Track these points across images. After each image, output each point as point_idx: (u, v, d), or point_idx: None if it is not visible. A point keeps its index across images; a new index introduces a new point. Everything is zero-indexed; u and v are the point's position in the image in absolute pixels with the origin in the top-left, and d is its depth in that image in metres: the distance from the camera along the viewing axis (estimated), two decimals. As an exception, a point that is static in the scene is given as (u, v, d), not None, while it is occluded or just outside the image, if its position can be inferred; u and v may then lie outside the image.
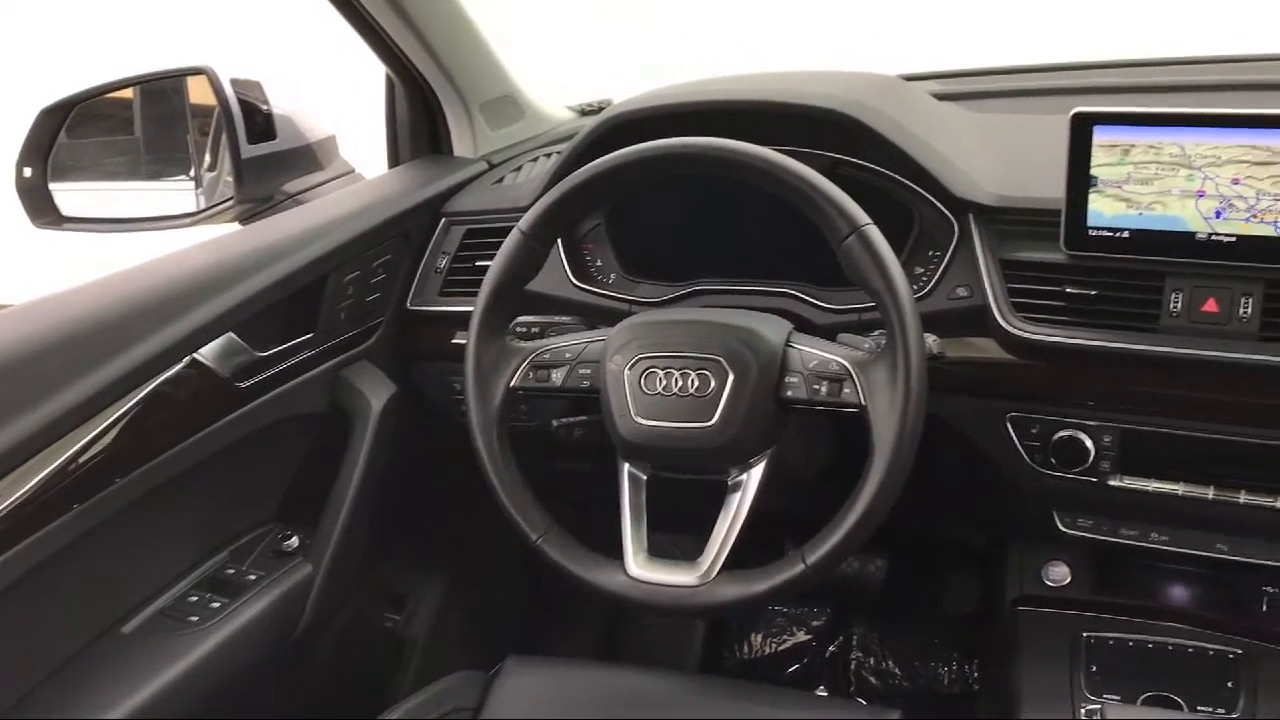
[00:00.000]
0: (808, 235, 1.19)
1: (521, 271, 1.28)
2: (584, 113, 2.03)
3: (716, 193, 1.47)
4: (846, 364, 1.17)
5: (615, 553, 1.22)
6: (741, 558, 1.18)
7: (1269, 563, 1.30)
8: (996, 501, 1.44)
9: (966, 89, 1.67)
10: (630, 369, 1.22)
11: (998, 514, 1.48)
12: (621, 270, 1.53)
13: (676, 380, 1.20)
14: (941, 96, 1.61)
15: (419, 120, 1.82)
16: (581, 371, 1.27)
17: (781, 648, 2.14)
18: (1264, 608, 1.35)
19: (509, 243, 1.27)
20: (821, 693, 2.06)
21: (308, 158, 1.76)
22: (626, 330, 1.26)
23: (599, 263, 1.54)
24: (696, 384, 1.19)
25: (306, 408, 1.51)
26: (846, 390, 1.16)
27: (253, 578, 1.43)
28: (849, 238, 1.14)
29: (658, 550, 1.22)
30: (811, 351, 1.20)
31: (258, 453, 1.46)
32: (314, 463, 1.55)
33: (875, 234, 1.14)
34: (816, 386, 1.18)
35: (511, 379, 1.28)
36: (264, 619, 1.40)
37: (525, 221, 1.26)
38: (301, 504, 1.54)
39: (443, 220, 1.66)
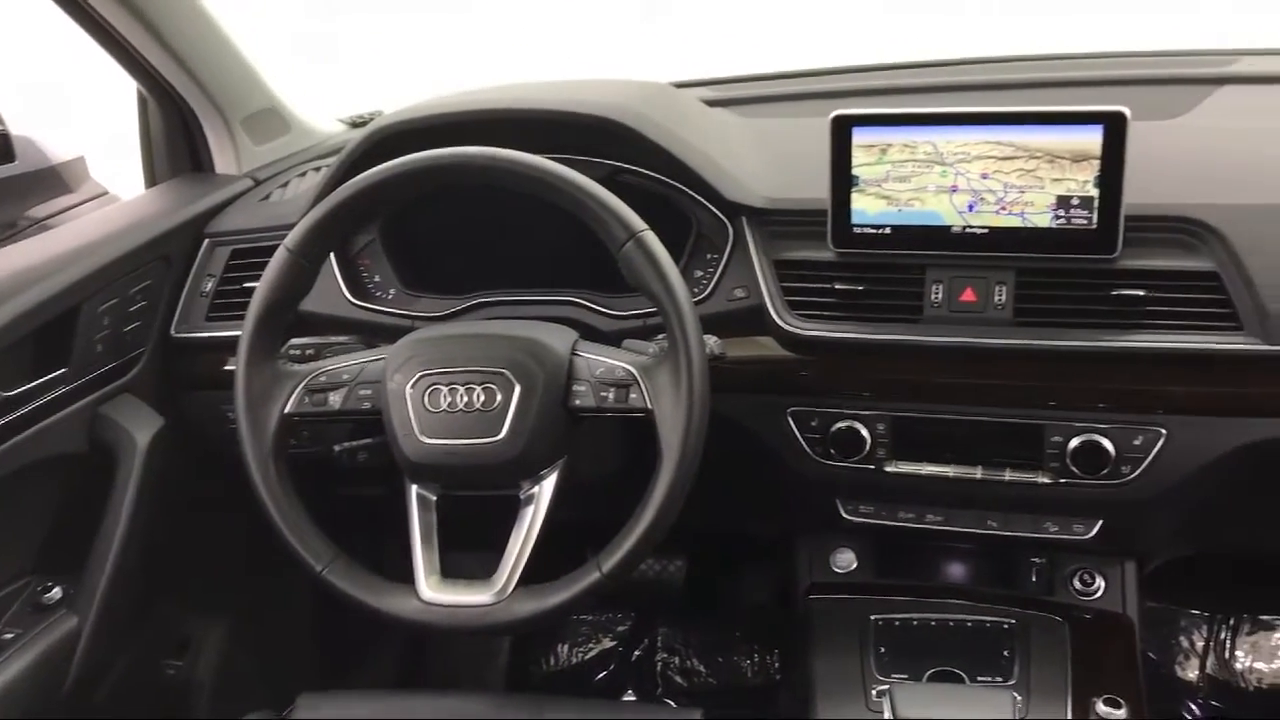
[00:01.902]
0: (591, 243, 1.19)
1: (291, 291, 1.23)
2: (355, 124, 1.97)
3: (498, 203, 1.45)
4: (632, 369, 1.17)
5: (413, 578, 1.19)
6: (552, 569, 1.17)
7: (1034, 535, 1.38)
8: (784, 494, 1.48)
9: (735, 95, 1.71)
10: (412, 387, 1.19)
11: (786, 506, 1.52)
12: (401, 285, 1.49)
13: (461, 396, 1.17)
14: (711, 102, 1.64)
15: (176, 136, 1.73)
16: (361, 393, 1.23)
17: (588, 656, 2.14)
18: (1033, 578, 1.43)
19: (275, 262, 1.21)
20: (629, 697, 2.07)
21: (52, 180, 1.65)
22: (406, 347, 1.22)
23: (376, 278, 1.50)
24: (482, 398, 1.17)
25: (64, 448, 1.41)
26: (633, 395, 1.17)
27: (9, 636, 1.32)
28: (627, 244, 1.15)
29: (463, 570, 1.20)
30: (597, 359, 1.20)
31: (10, 499, 1.35)
32: (76, 506, 1.44)
33: (652, 239, 1.15)
34: (604, 394, 1.18)
35: (286, 405, 1.22)
36: (25, 678, 1.29)
37: (291, 239, 1.21)
38: (64, 552, 1.43)
39: (206, 241, 1.58)
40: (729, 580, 2.13)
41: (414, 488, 1.22)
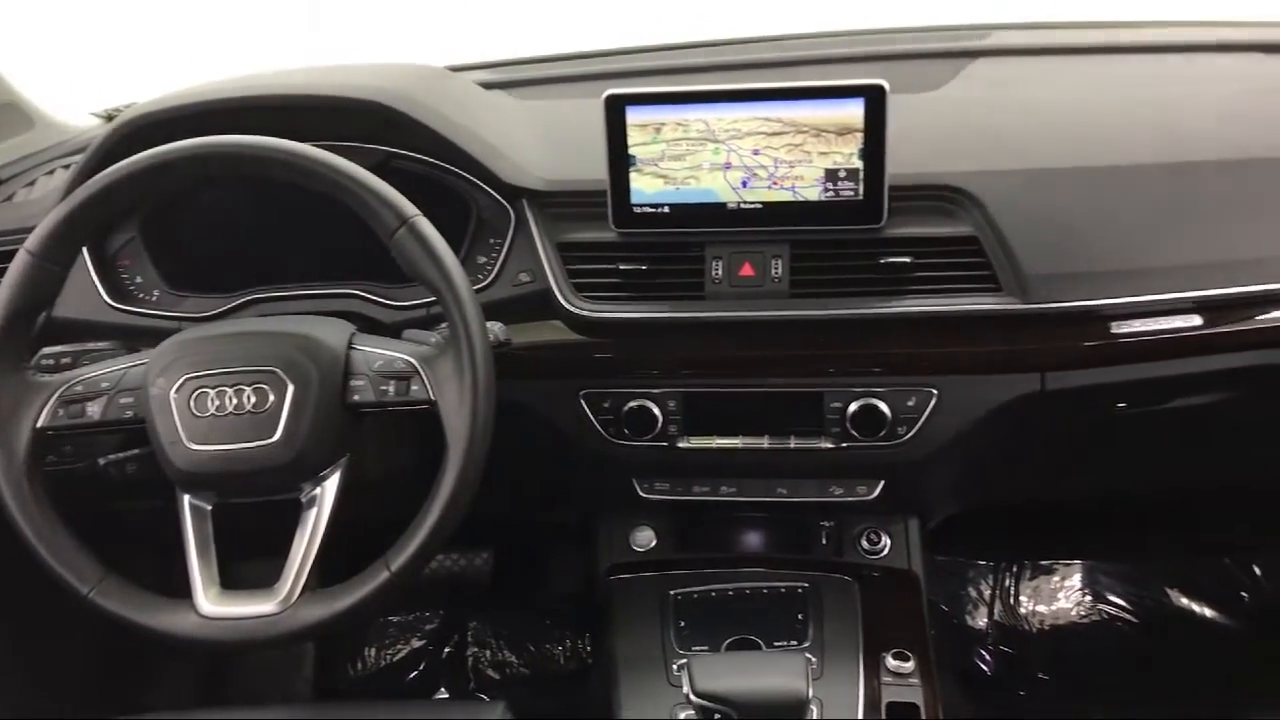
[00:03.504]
0: (369, 233, 1.15)
1: (36, 297, 1.14)
2: (110, 118, 1.85)
3: (268, 194, 1.38)
4: (412, 360, 1.14)
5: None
6: (353, 572, 1.13)
7: (822, 500, 1.42)
8: (582, 477, 1.48)
9: (511, 77, 1.69)
10: (176, 391, 1.12)
11: (584, 489, 1.52)
12: (165, 285, 1.41)
13: (230, 398, 1.12)
14: (488, 85, 1.62)
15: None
16: (122, 401, 1.16)
17: (397, 657, 2.10)
18: (823, 541, 1.48)
19: (15, 266, 1.12)
20: (442, 695, 2.03)
21: None
22: (169, 350, 1.16)
23: (138, 279, 1.41)
24: (254, 400, 1.12)
25: None
26: (415, 387, 1.14)
27: None
28: (398, 231, 1.12)
29: (254, 580, 1.14)
30: (376, 352, 1.16)
31: None
32: None
33: (425, 225, 1.12)
34: (384, 387, 1.14)
35: (38, 419, 1.14)
36: None
37: (33, 241, 1.12)
38: None
39: None
40: (538, 568, 2.12)
41: (186, 498, 1.15)
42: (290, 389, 1.12)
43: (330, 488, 1.15)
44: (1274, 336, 1.30)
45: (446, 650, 2.09)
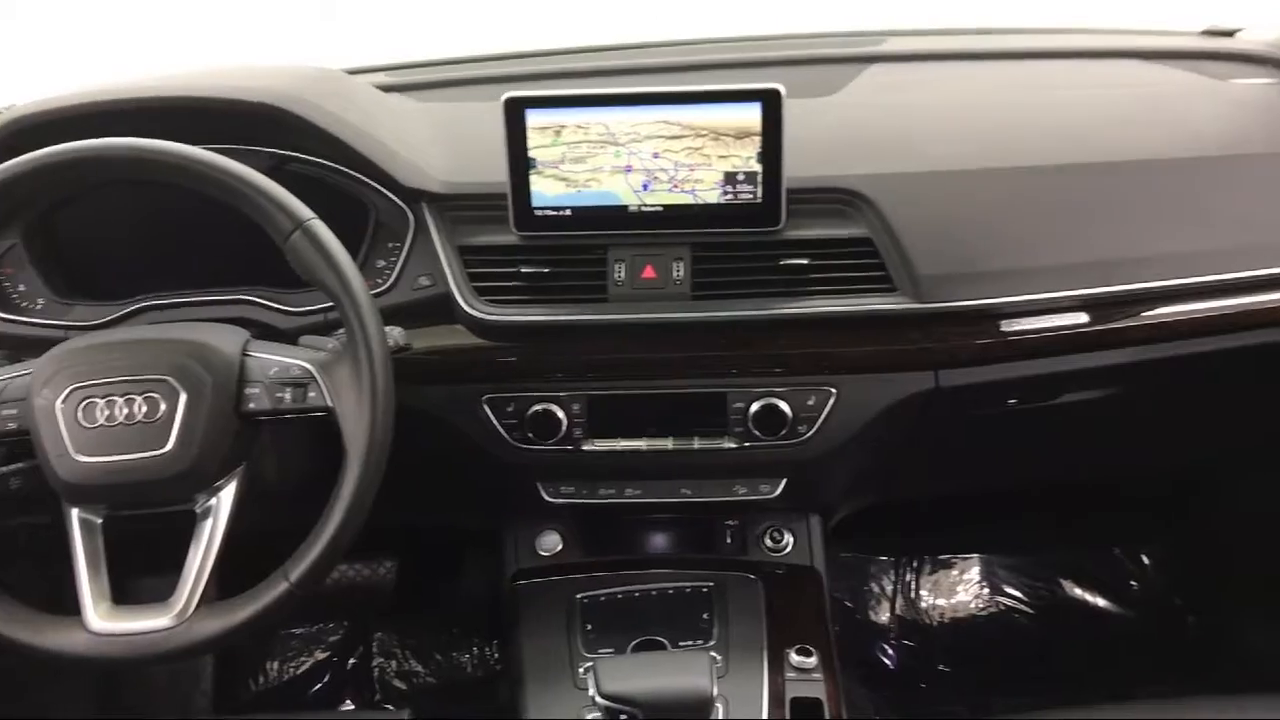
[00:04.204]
0: (263, 237, 1.13)
1: None
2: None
3: (159, 198, 1.34)
4: (309, 367, 1.13)
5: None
6: (254, 582, 1.11)
7: (726, 499, 1.44)
8: (485, 482, 1.47)
9: (411, 80, 1.67)
10: (62, 402, 1.09)
11: (489, 495, 1.51)
12: (51, 294, 1.36)
13: (120, 408, 1.09)
14: (386, 88, 1.59)
15: None
16: (4, 413, 1.12)
17: (300, 670, 2.06)
18: (728, 540, 1.49)
19: None
20: (347, 707, 2.00)
21: None
22: (54, 359, 1.12)
23: (21, 288, 1.36)
24: (145, 409, 1.09)
25: None
26: (312, 394, 1.12)
27: None
28: (293, 234, 1.10)
29: (150, 595, 1.11)
30: (271, 358, 1.14)
31: None
32: None
33: (320, 228, 1.10)
34: (280, 394, 1.12)
35: None
36: None
37: None
38: None
39: None
40: (443, 576, 2.10)
41: (75, 511, 1.12)
42: (183, 398, 1.09)
43: (226, 498, 1.12)
44: (1155, 333, 1.35)
45: (351, 662, 2.06)
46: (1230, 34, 1.80)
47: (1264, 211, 1.39)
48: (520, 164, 1.28)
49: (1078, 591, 2.19)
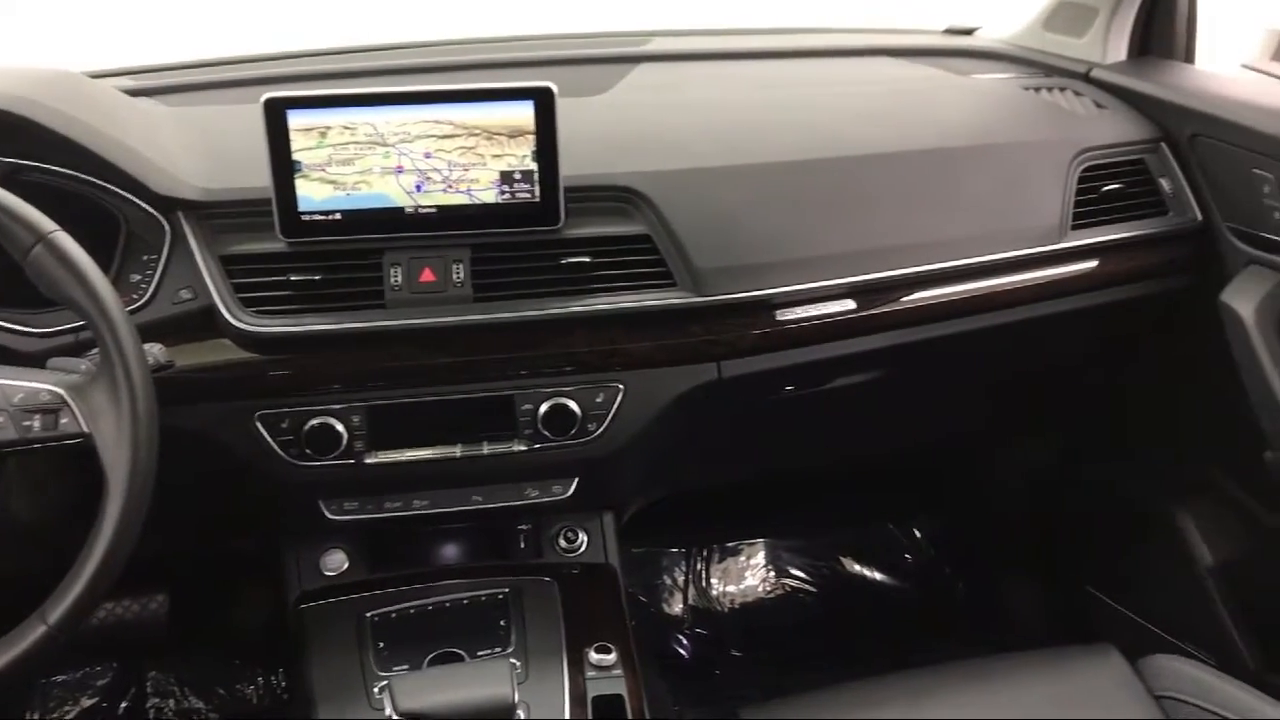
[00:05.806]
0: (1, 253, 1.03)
1: None
2: None
3: None
4: (59, 391, 1.04)
5: None
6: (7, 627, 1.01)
7: (518, 503, 1.42)
8: (262, 504, 1.40)
9: (161, 83, 1.57)
10: None
11: (266, 516, 1.44)
12: None
13: None
14: (133, 92, 1.49)
15: None
16: None
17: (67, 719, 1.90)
18: (522, 544, 1.47)
19: None
20: (121, 754, 1.87)
21: None
22: None
23: None
24: None
25: None
26: (64, 420, 1.03)
27: None
28: (34, 249, 1.01)
29: None
30: (15, 384, 1.04)
31: None
32: None
33: (65, 240, 1.02)
34: (28, 423, 1.03)
35: None
36: None
37: None
38: None
39: None
40: (220, 605, 1.99)
41: None
42: None
43: None
44: (915, 316, 1.43)
45: (123, 706, 1.92)
46: (969, 32, 1.93)
47: (1006, 198, 1.49)
48: (284, 168, 1.23)
49: (857, 568, 2.29)
